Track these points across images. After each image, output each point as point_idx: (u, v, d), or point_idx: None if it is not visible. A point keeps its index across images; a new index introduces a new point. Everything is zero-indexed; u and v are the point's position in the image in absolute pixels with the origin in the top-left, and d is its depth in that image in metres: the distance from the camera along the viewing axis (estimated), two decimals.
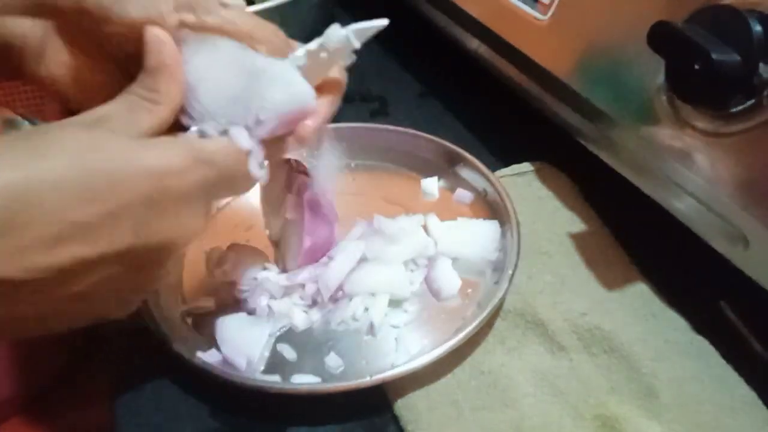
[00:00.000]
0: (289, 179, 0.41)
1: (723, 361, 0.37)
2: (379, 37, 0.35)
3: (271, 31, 0.35)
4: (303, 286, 0.42)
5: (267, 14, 0.54)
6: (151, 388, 0.39)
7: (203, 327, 0.41)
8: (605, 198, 0.46)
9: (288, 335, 0.41)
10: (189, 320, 0.41)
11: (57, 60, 0.34)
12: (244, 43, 0.33)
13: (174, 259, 0.31)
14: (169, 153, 0.29)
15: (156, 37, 0.32)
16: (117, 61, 0.35)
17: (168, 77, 0.32)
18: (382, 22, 0.35)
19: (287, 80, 0.32)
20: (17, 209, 0.25)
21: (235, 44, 0.33)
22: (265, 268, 0.43)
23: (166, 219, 0.29)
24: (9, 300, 0.26)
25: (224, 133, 0.31)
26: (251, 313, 0.41)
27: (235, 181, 0.32)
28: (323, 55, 0.33)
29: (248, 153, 0.31)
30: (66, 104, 0.36)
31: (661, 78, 0.36)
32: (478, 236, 0.44)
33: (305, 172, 0.41)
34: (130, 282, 0.30)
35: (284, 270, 0.43)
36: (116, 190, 0.27)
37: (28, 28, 0.33)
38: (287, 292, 0.42)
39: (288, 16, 0.56)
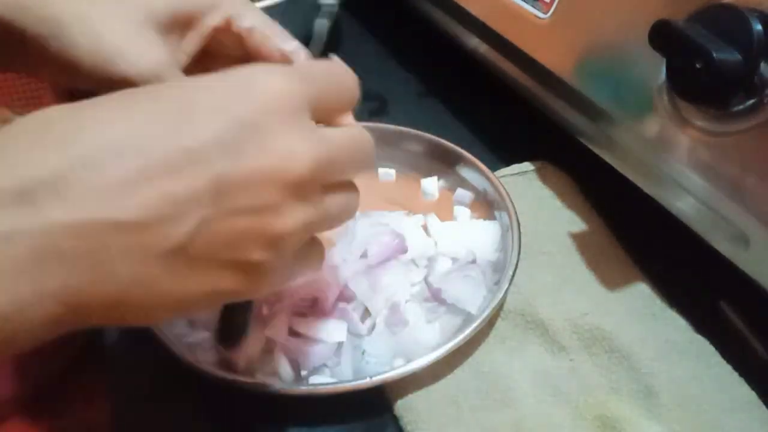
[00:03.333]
0: None
1: (723, 361, 0.37)
2: (380, 36, 0.35)
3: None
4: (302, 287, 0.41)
5: (266, 14, 0.54)
6: (150, 388, 0.39)
7: (202, 327, 0.41)
8: (606, 198, 0.46)
9: None
10: (188, 320, 0.41)
11: None
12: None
13: (306, 203, 0.26)
14: (271, 74, 0.26)
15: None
16: None
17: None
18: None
19: None
20: (90, 149, 0.23)
21: None
22: None
23: (260, 140, 0.24)
24: (104, 259, 0.23)
25: None
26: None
27: (340, 95, 0.30)
28: None
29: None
30: None
31: (662, 77, 0.36)
32: (478, 236, 0.44)
33: None
34: (248, 232, 0.25)
35: None
36: (200, 112, 0.24)
37: None
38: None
39: (287, 16, 0.56)
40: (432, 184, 0.50)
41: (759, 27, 0.31)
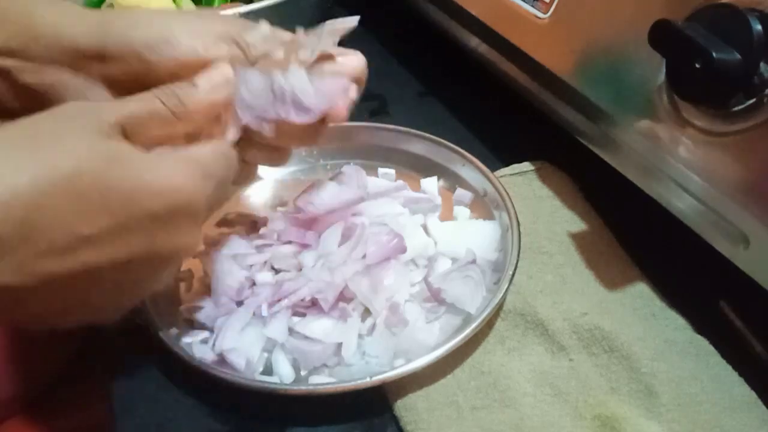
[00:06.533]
0: None
1: (723, 361, 0.37)
2: (379, 36, 0.35)
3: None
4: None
5: (265, 14, 0.54)
6: (150, 388, 0.39)
7: (202, 327, 0.41)
8: (606, 198, 0.46)
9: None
10: (187, 320, 0.41)
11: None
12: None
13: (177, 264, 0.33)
14: (181, 175, 0.30)
15: (223, 75, 0.34)
16: None
17: (209, 110, 0.34)
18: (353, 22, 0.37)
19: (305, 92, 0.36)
20: (32, 220, 0.25)
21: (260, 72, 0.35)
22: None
23: (176, 233, 0.30)
24: (24, 302, 0.27)
25: None
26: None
27: (226, 186, 0.34)
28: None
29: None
30: None
31: (661, 77, 0.36)
32: (478, 236, 0.44)
33: None
34: (132, 285, 0.31)
35: None
36: (129, 207, 0.28)
37: (68, 78, 0.34)
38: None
39: (287, 16, 0.56)
40: (432, 184, 0.50)
41: (759, 27, 0.31)
